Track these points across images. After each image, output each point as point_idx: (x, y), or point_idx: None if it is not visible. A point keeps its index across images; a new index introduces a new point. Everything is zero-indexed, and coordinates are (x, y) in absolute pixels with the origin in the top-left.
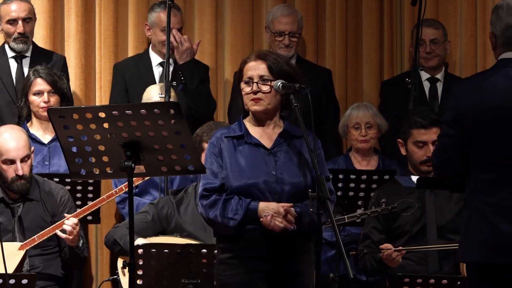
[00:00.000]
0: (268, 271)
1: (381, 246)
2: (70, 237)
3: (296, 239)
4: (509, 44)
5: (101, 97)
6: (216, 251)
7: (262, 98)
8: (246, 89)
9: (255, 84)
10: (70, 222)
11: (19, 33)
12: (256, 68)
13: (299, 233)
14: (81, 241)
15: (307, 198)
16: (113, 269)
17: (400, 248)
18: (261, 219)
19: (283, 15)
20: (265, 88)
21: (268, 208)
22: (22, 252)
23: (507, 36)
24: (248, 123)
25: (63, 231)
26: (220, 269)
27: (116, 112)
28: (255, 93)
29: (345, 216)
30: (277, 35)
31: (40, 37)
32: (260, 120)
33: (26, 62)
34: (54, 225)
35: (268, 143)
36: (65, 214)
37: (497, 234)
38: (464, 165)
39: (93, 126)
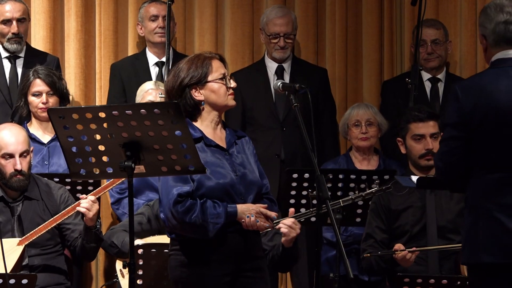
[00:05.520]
0: (238, 272)
1: (395, 247)
2: (91, 213)
3: (258, 237)
4: (501, 41)
5: (101, 97)
6: (169, 251)
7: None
8: (224, 85)
9: (231, 80)
10: (87, 200)
11: (13, 33)
12: (223, 67)
13: (257, 232)
14: (99, 221)
15: (262, 197)
16: (112, 272)
17: (414, 249)
18: (242, 221)
19: (277, 17)
20: (234, 84)
21: (248, 210)
22: (21, 248)
23: (497, 33)
24: (199, 125)
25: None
26: (184, 272)
27: (116, 112)
28: (234, 88)
29: (340, 200)
30: (272, 37)
31: (40, 37)
32: (220, 116)
33: (20, 63)
34: (53, 218)
35: (222, 144)
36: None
37: (508, 234)
38: (467, 167)
39: (93, 126)
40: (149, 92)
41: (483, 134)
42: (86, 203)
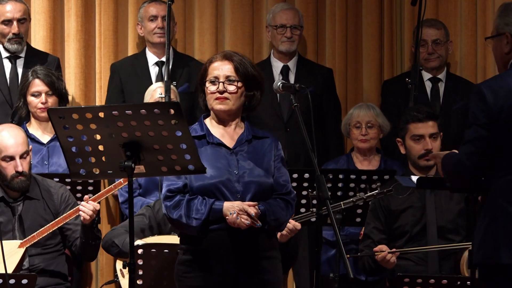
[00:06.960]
0: (233, 272)
1: (375, 249)
2: (88, 217)
3: (259, 237)
4: None
5: (101, 97)
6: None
7: (228, 98)
8: (211, 88)
9: (221, 83)
10: (91, 207)
11: (13, 34)
12: (222, 68)
13: (262, 231)
14: (96, 218)
15: (270, 197)
16: (112, 272)
17: (394, 250)
18: (226, 217)
19: (283, 10)
20: (232, 88)
21: (233, 207)
22: (22, 250)
23: None
24: (209, 123)
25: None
26: (180, 270)
27: (116, 112)
28: (221, 92)
29: (341, 203)
30: (279, 27)
31: (40, 37)
32: (223, 120)
33: (20, 63)
34: (55, 221)
35: (230, 143)
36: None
37: None
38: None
39: (93, 126)
40: (157, 90)
41: (505, 135)
42: (90, 211)
